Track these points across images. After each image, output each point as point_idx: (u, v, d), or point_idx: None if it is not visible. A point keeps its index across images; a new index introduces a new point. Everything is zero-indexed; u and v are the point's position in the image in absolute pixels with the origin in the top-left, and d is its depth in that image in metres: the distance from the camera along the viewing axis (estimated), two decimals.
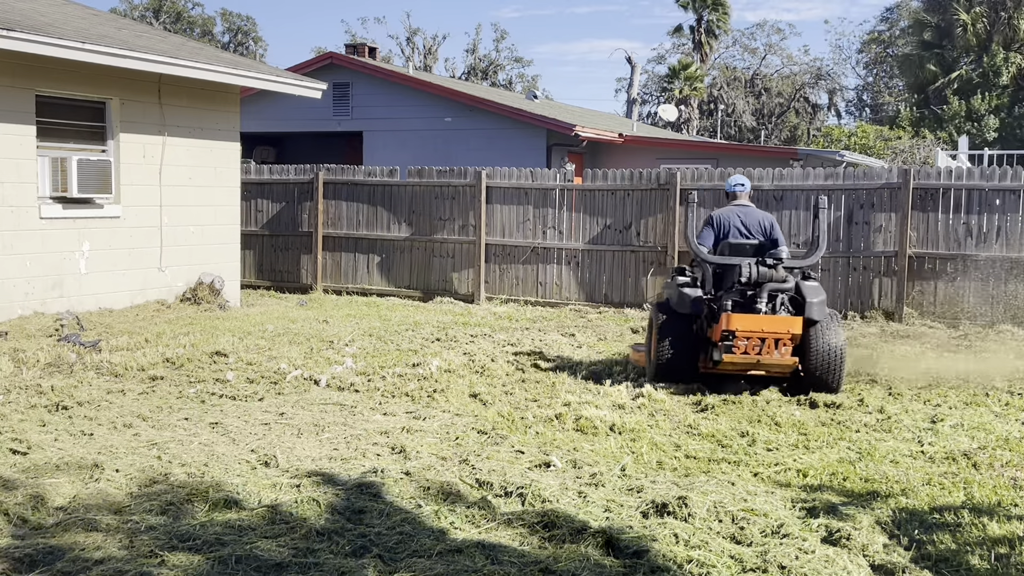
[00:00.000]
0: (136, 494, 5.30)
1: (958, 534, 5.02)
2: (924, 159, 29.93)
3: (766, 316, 8.15)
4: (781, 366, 8.25)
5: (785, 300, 8.40)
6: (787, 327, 8.10)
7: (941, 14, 39.64)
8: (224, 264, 14.10)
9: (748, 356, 8.10)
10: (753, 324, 8.07)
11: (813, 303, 8.31)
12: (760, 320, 8.10)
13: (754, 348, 8.07)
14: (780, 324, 8.11)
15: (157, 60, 12.22)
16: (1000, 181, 13.02)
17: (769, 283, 8.33)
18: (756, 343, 8.07)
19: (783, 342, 8.10)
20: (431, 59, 54.45)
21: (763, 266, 8.37)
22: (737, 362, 8.18)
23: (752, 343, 8.06)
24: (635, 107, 38.46)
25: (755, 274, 8.35)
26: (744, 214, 9.03)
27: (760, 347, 8.08)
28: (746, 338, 8.05)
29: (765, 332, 8.06)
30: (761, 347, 8.08)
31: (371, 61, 25.76)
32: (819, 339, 8.26)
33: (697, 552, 4.54)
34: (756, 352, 8.09)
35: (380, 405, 7.85)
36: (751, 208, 9.16)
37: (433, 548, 4.56)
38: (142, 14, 55.36)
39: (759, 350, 8.08)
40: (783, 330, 8.09)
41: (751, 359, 8.13)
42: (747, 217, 9.00)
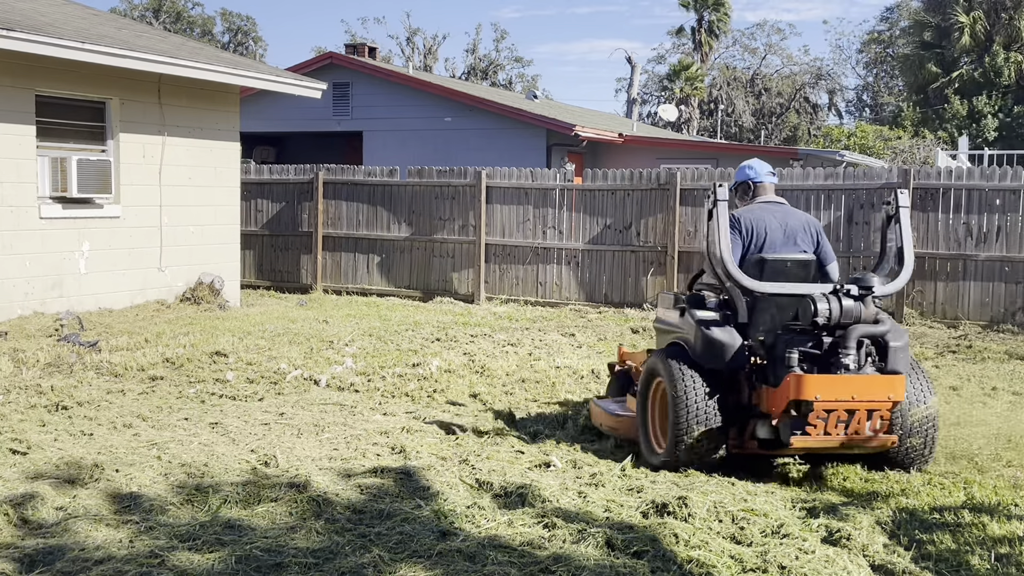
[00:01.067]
0: (136, 494, 5.30)
1: (958, 534, 5.02)
2: (924, 159, 29.93)
3: (857, 377, 5.68)
4: (873, 448, 5.91)
5: (872, 350, 5.86)
6: (887, 392, 5.66)
7: (941, 14, 39.64)
8: (224, 264, 14.10)
9: (830, 437, 5.70)
10: (840, 390, 5.61)
11: (898, 348, 5.86)
12: (850, 383, 5.63)
13: (839, 425, 5.67)
14: (878, 388, 5.66)
15: (157, 60, 12.22)
16: (1000, 181, 13.01)
17: (858, 325, 5.80)
18: (842, 417, 5.66)
19: (881, 414, 5.72)
20: (431, 59, 54.46)
21: (847, 298, 5.84)
22: (812, 446, 5.80)
23: (836, 417, 5.64)
24: (635, 107, 38.46)
25: (836, 311, 5.78)
26: (784, 216, 6.43)
27: (847, 423, 5.69)
28: (828, 410, 5.61)
29: (857, 401, 5.63)
30: (848, 423, 5.69)
31: (371, 61, 25.76)
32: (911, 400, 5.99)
33: (697, 552, 4.53)
34: (842, 430, 5.69)
35: (380, 405, 7.85)
36: (789, 208, 6.57)
37: (433, 548, 4.56)
38: (142, 14, 55.37)
39: (845, 427, 5.69)
40: (882, 397, 5.66)
41: (833, 441, 5.72)
42: (790, 220, 6.41)
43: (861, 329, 5.78)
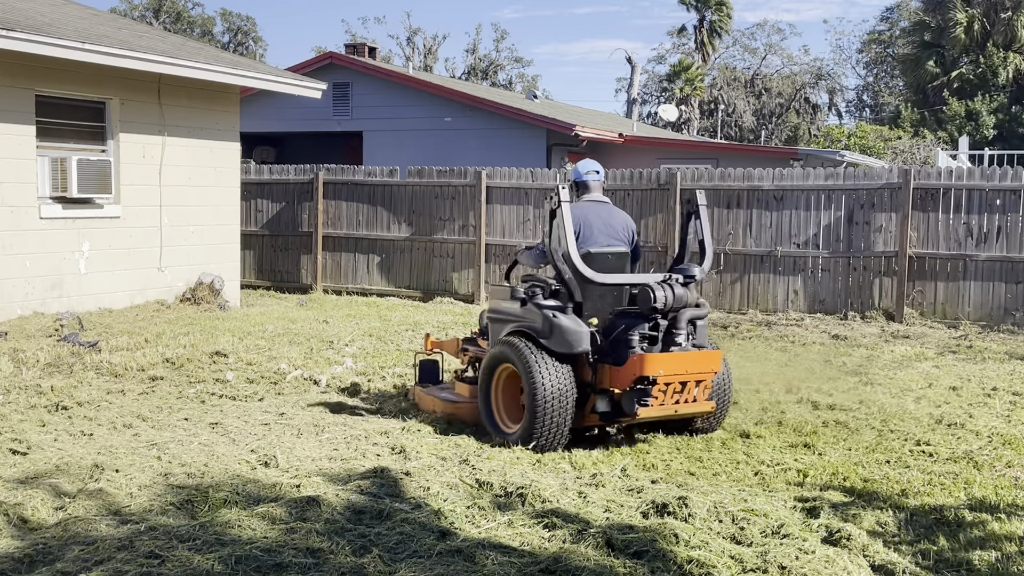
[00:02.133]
0: (136, 494, 5.30)
1: (959, 534, 5.02)
2: (924, 159, 29.93)
3: (689, 354, 6.54)
4: (701, 413, 6.79)
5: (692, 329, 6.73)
6: (711, 365, 6.59)
7: (940, 14, 39.64)
8: (224, 264, 14.10)
9: (665, 407, 6.48)
10: (678, 365, 6.42)
11: (703, 327, 6.83)
12: (684, 359, 6.47)
13: (674, 395, 6.48)
14: (704, 362, 6.55)
15: (157, 60, 12.22)
16: (1000, 181, 13.01)
17: (687, 308, 6.64)
18: (677, 388, 6.47)
19: (706, 384, 6.62)
20: (431, 59, 54.45)
21: (679, 286, 6.65)
22: (655, 415, 6.51)
23: (673, 389, 6.45)
24: (635, 107, 38.46)
25: (671, 298, 6.54)
26: (607, 213, 7.20)
27: (681, 392, 6.51)
28: (667, 384, 6.39)
29: (689, 374, 6.46)
30: (682, 392, 6.51)
31: (371, 61, 25.75)
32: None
33: (697, 552, 4.53)
34: (675, 400, 6.50)
35: (380, 405, 7.84)
36: (611, 207, 7.36)
37: (433, 548, 4.56)
38: (142, 14, 55.36)
39: (679, 397, 6.52)
40: (707, 369, 6.57)
41: (668, 410, 6.51)
42: (611, 217, 7.17)
43: (690, 312, 6.64)
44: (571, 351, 6.52)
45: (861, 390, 8.67)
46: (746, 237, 14.27)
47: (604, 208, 7.24)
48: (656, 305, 6.50)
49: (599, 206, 7.22)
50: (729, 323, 13.21)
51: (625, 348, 6.47)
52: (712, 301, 14.42)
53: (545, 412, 6.41)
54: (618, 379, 6.47)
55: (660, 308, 6.52)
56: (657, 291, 6.52)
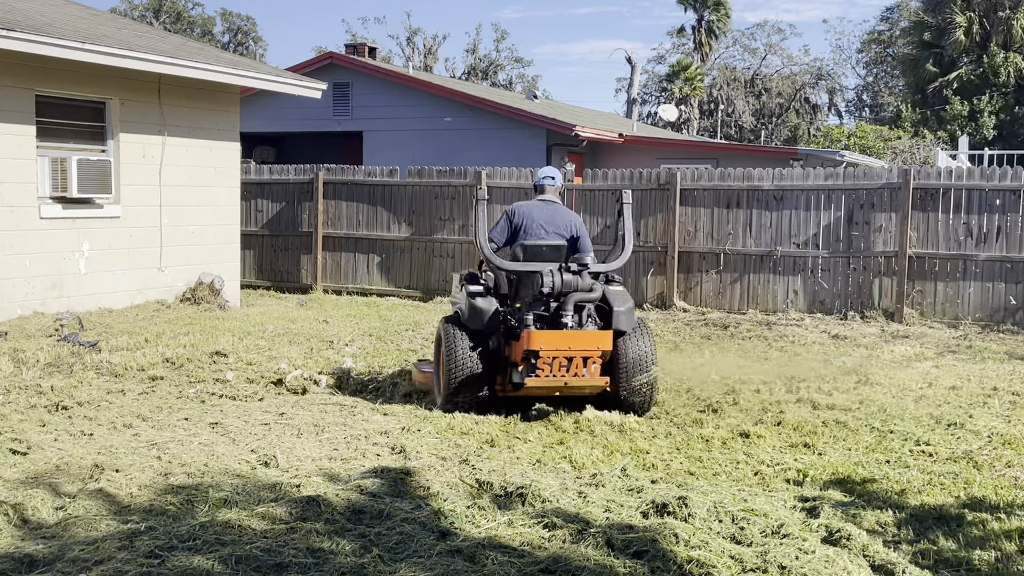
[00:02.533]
0: (136, 494, 5.30)
1: (958, 534, 5.02)
2: (924, 159, 29.93)
3: (573, 332, 7.15)
4: (592, 387, 7.33)
5: (592, 312, 7.46)
6: (597, 343, 7.14)
7: (940, 14, 39.64)
8: (224, 264, 14.10)
9: (554, 379, 7.09)
10: (559, 341, 7.04)
11: (621, 312, 7.42)
12: (567, 337, 7.08)
13: (561, 369, 7.07)
14: (589, 340, 7.13)
15: (157, 60, 12.22)
16: (1000, 181, 13.02)
17: (575, 293, 7.31)
18: (563, 363, 7.07)
19: (592, 360, 7.16)
20: (431, 59, 54.44)
21: (568, 273, 7.33)
22: (544, 386, 7.16)
23: (559, 363, 7.06)
24: (635, 107, 38.46)
25: (559, 283, 7.28)
26: (552, 211, 7.95)
27: (568, 367, 7.09)
28: (552, 358, 7.03)
29: (573, 350, 7.06)
30: (569, 367, 7.10)
31: (371, 61, 25.75)
32: (631, 353, 7.38)
33: (697, 552, 4.53)
34: (563, 373, 7.10)
35: (380, 405, 7.85)
36: (559, 206, 8.11)
37: (433, 548, 4.56)
38: (142, 14, 55.36)
39: (566, 371, 7.10)
40: (592, 347, 7.13)
41: (558, 382, 7.12)
42: (554, 215, 7.92)
43: (576, 296, 7.32)
44: (478, 327, 7.43)
45: (861, 390, 8.67)
46: (746, 237, 14.27)
47: (550, 207, 8.03)
48: (544, 289, 7.29)
49: (546, 205, 8.05)
50: (729, 323, 13.21)
51: (522, 326, 7.24)
52: (712, 301, 14.43)
53: (455, 379, 7.36)
54: (515, 353, 7.29)
55: (547, 292, 7.29)
56: (546, 277, 7.30)
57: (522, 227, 7.83)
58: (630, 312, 7.49)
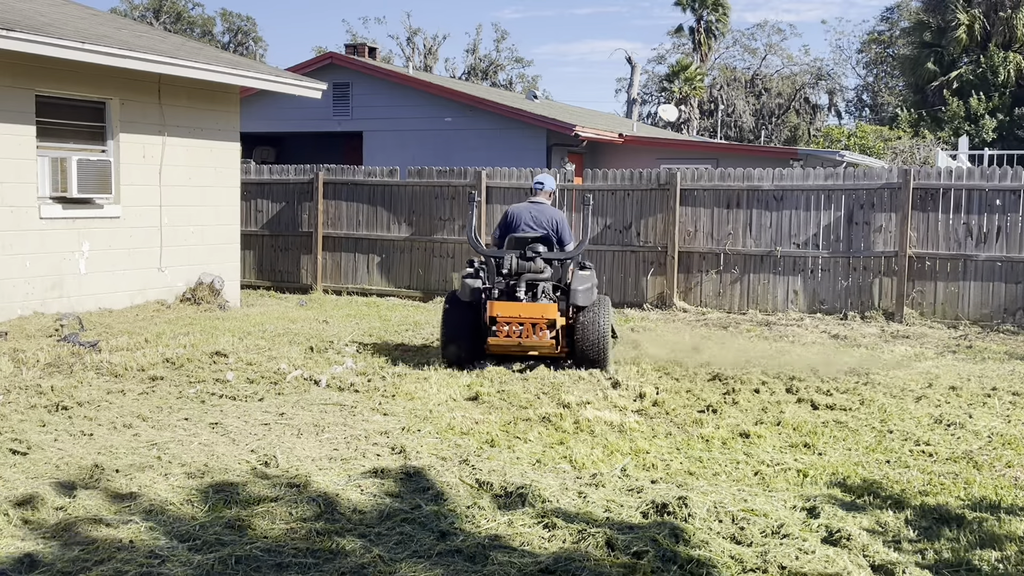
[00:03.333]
0: (136, 494, 5.30)
1: (958, 534, 5.02)
2: (924, 159, 29.93)
3: (524, 303, 9.05)
4: (541, 347, 9.11)
5: (548, 289, 9.34)
6: (542, 313, 8.97)
7: (940, 14, 39.64)
8: (224, 264, 14.10)
9: (511, 339, 8.96)
10: (512, 311, 8.97)
11: (578, 290, 9.29)
12: (518, 307, 9.01)
13: (515, 332, 8.93)
14: (536, 310, 8.99)
15: (157, 60, 12.22)
16: (1000, 181, 13.02)
17: (527, 273, 9.25)
18: (516, 327, 8.94)
19: (540, 327, 8.96)
20: (431, 59, 54.44)
21: (523, 259, 9.30)
22: (502, 344, 9.03)
23: (513, 327, 8.92)
24: (635, 107, 38.46)
25: (515, 266, 9.25)
26: (537, 211, 9.81)
27: (521, 331, 8.93)
28: (507, 323, 8.91)
29: (523, 318, 8.95)
30: (522, 331, 8.93)
31: (371, 61, 25.75)
32: (586, 322, 9.23)
33: (697, 552, 4.53)
34: (518, 336, 8.95)
35: (380, 405, 7.85)
36: (545, 205, 9.94)
37: (433, 548, 4.56)
38: (142, 14, 55.36)
39: (520, 334, 8.94)
40: (539, 315, 8.97)
41: (513, 342, 8.99)
42: (540, 214, 9.76)
43: (528, 276, 9.26)
44: (466, 300, 9.43)
45: (861, 390, 8.67)
46: (746, 237, 14.27)
47: (536, 207, 9.90)
48: (503, 271, 9.27)
49: (533, 205, 9.94)
50: (729, 323, 13.21)
51: (488, 298, 9.23)
52: (712, 301, 14.43)
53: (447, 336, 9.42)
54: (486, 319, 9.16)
55: (504, 272, 9.27)
56: (505, 260, 9.26)
57: (512, 223, 9.73)
58: (587, 291, 9.34)
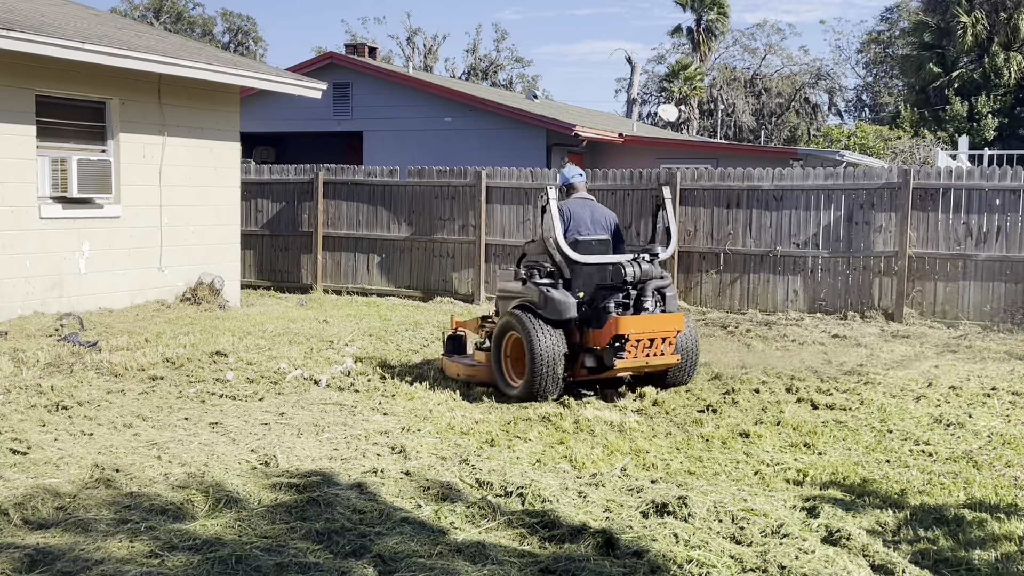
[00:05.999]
0: (136, 493, 5.30)
1: (958, 534, 5.02)
2: (924, 159, 29.92)
3: (655, 316, 8.07)
4: (667, 364, 8.27)
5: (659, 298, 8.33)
6: (674, 325, 8.10)
7: (941, 15, 39.64)
8: (224, 264, 14.10)
9: (638, 360, 7.99)
10: (645, 326, 7.91)
11: (671, 297, 8.39)
12: (651, 321, 7.98)
13: (644, 350, 7.98)
14: (668, 323, 8.08)
15: (157, 60, 12.21)
16: (1000, 181, 13.01)
17: (652, 280, 8.20)
18: (646, 344, 7.97)
19: (670, 341, 8.09)
20: (431, 59, 54.44)
21: (645, 263, 8.22)
22: (629, 366, 8.03)
23: (643, 345, 7.95)
24: (635, 107, 38.45)
25: (638, 272, 8.13)
26: (594, 209, 8.81)
27: (650, 348, 8.00)
28: (637, 340, 7.89)
29: (655, 332, 7.97)
30: (651, 348, 8.00)
31: (371, 61, 25.75)
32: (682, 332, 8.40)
33: (697, 552, 4.54)
34: (646, 354, 8.00)
35: (380, 405, 7.85)
36: (595, 202, 8.97)
37: (433, 548, 4.56)
38: (142, 14, 55.36)
39: (648, 352, 8.01)
40: (671, 329, 8.08)
41: (640, 361, 8.03)
42: (595, 212, 8.78)
43: (654, 283, 8.18)
44: (560, 318, 8.06)
45: (861, 390, 8.67)
46: (746, 237, 14.27)
47: (588, 204, 8.84)
48: (627, 278, 8.06)
49: (584, 202, 8.83)
50: (729, 323, 13.20)
51: (604, 314, 8.02)
52: (712, 301, 14.43)
53: (542, 367, 7.90)
54: (600, 339, 8.00)
55: (629, 280, 8.08)
56: (627, 267, 8.09)
57: (571, 223, 8.54)
58: (675, 297, 8.47)
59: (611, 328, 7.85)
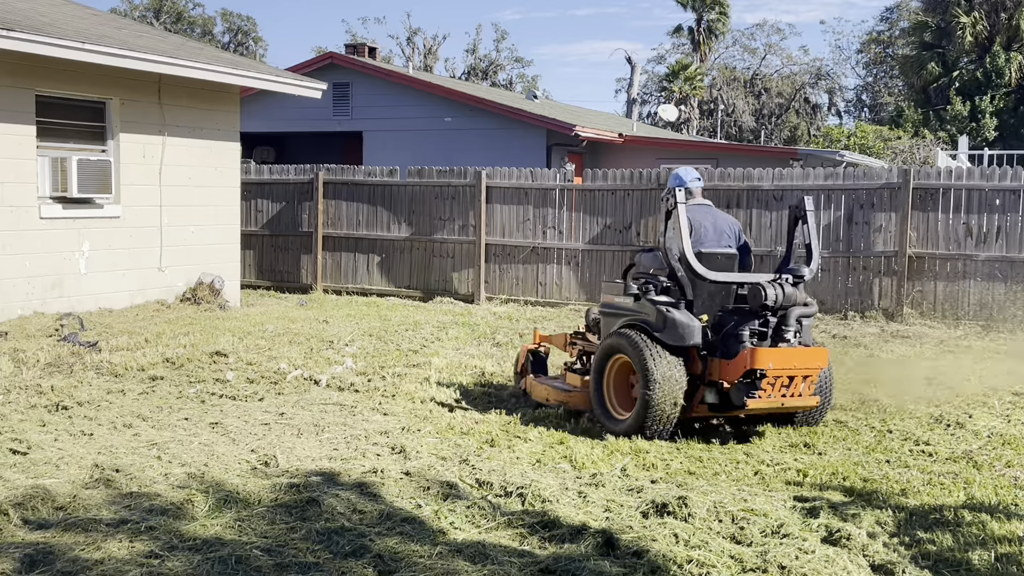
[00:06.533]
0: (136, 494, 5.30)
1: (958, 534, 5.01)
2: (924, 159, 29.92)
3: (797, 350, 6.80)
4: (805, 407, 7.05)
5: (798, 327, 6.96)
6: (817, 362, 6.86)
7: (941, 15, 39.64)
8: (224, 264, 14.10)
9: (772, 399, 6.73)
10: (786, 360, 6.67)
11: (809, 327, 7.16)
12: (793, 355, 6.73)
13: (781, 389, 6.72)
14: (812, 358, 6.83)
15: (157, 60, 12.21)
16: (1000, 181, 13.01)
17: (795, 307, 6.90)
18: (784, 383, 6.71)
19: (812, 380, 6.88)
20: (431, 59, 54.44)
21: (788, 286, 6.95)
22: (762, 407, 6.79)
23: (781, 383, 6.69)
24: (635, 107, 38.44)
25: (781, 296, 6.84)
26: (713, 216, 7.62)
27: (788, 387, 6.75)
28: (775, 377, 6.64)
29: (797, 369, 6.71)
30: (789, 387, 6.76)
31: (371, 61, 25.76)
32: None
33: (697, 552, 4.54)
34: (782, 394, 6.74)
35: (380, 405, 7.85)
36: (715, 209, 7.87)
37: (433, 548, 4.56)
38: (142, 14, 55.36)
39: (786, 391, 6.76)
40: (815, 366, 6.84)
41: (776, 402, 6.76)
42: (717, 220, 7.57)
43: (798, 311, 6.91)
44: (683, 344, 6.82)
45: (861, 390, 8.66)
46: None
47: (710, 211, 7.66)
48: (767, 303, 6.80)
49: (706, 209, 7.64)
50: None
51: (735, 342, 6.78)
52: None
53: (658, 400, 6.69)
54: (728, 372, 6.75)
55: (771, 305, 6.81)
56: (768, 289, 6.82)
57: (692, 234, 7.24)
58: (810, 327, 7.18)
59: (745, 360, 6.62)
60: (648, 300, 7.01)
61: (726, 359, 6.79)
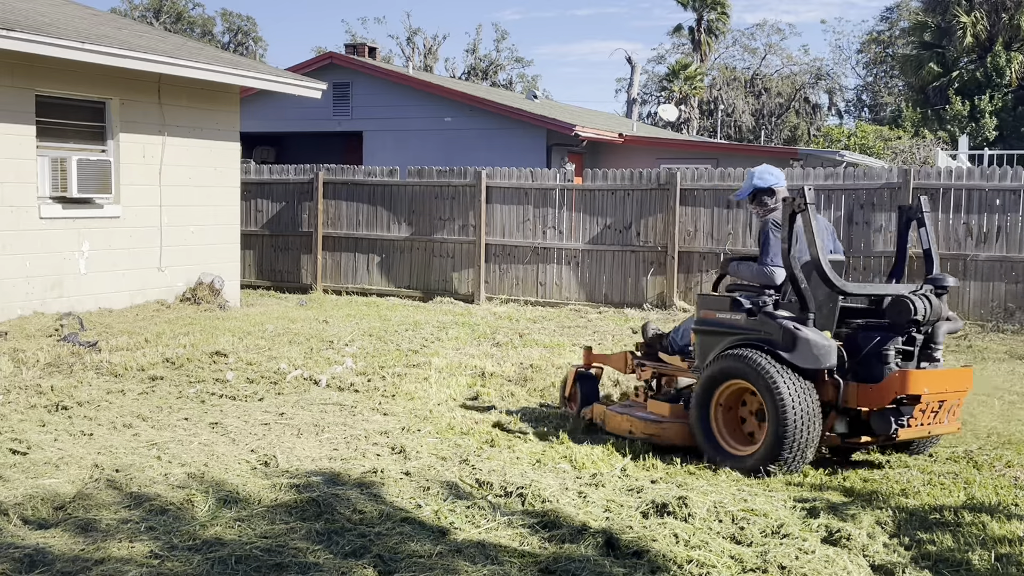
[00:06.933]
0: (136, 494, 5.30)
1: (958, 534, 5.01)
2: (924, 159, 29.91)
3: (949, 371, 6.22)
4: (948, 433, 6.43)
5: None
6: (966, 384, 6.23)
7: (941, 15, 39.64)
8: (224, 264, 14.09)
9: (921, 427, 6.06)
10: (940, 383, 5.99)
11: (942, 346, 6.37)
12: (946, 377, 6.09)
13: (931, 415, 6.05)
14: (962, 380, 6.20)
15: (157, 60, 12.21)
16: (1000, 181, 13.01)
17: (942, 322, 6.20)
18: (935, 408, 6.03)
19: (959, 404, 6.24)
20: (431, 59, 54.43)
21: (935, 297, 6.18)
22: (912, 436, 6.11)
23: (931, 409, 6.02)
24: (635, 107, 38.43)
25: (929, 310, 6.07)
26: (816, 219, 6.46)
27: (937, 413, 6.08)
28: (926, 403, 5.95)
29: (948, 393, 6.04)
30: (938, 412, 6.08)
31: (371, 61, 25.76)
32: None
33: (697, 552, 4.54)
34: (930, 420, 6.07)
35: (380, 405, 7.85)
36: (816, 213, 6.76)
37: (433, 548, 4.56)
38: (142, 14, 55.35)
39: (935, 417, 6.08)
40: (964, 388, 6.20)
41: (923, 431, 6.10)
42: (819, 222, 6.47)
43: (946, 326, 6.19)
44: (818, 366, 6.00)
45: None
46: (746, 237, 14.26)
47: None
48: (916, 318, 6.02)
49: None
50: None
51: (879, 364, 6.03)
52: None
53: (795, 433, 5.89)
54: (872, 398, 6.00)
55: (920, 320, 6.04)
56: (917, 303, 6.04)
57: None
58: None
59: (896, 384, 5.89)
60: (766, 315, 6.18)
61: (867, 382, 6.02)
